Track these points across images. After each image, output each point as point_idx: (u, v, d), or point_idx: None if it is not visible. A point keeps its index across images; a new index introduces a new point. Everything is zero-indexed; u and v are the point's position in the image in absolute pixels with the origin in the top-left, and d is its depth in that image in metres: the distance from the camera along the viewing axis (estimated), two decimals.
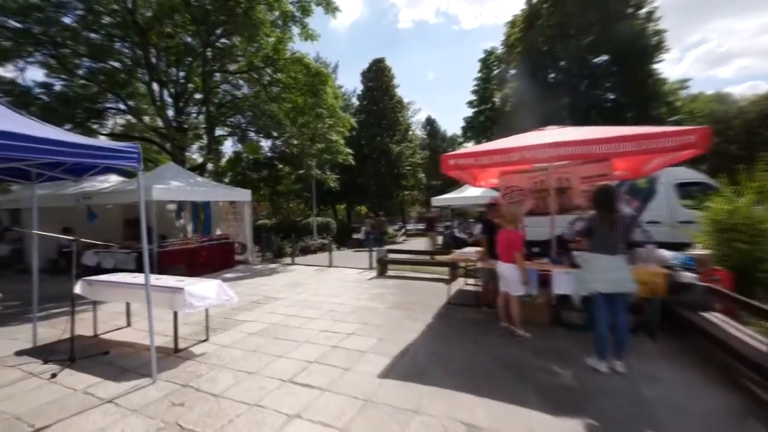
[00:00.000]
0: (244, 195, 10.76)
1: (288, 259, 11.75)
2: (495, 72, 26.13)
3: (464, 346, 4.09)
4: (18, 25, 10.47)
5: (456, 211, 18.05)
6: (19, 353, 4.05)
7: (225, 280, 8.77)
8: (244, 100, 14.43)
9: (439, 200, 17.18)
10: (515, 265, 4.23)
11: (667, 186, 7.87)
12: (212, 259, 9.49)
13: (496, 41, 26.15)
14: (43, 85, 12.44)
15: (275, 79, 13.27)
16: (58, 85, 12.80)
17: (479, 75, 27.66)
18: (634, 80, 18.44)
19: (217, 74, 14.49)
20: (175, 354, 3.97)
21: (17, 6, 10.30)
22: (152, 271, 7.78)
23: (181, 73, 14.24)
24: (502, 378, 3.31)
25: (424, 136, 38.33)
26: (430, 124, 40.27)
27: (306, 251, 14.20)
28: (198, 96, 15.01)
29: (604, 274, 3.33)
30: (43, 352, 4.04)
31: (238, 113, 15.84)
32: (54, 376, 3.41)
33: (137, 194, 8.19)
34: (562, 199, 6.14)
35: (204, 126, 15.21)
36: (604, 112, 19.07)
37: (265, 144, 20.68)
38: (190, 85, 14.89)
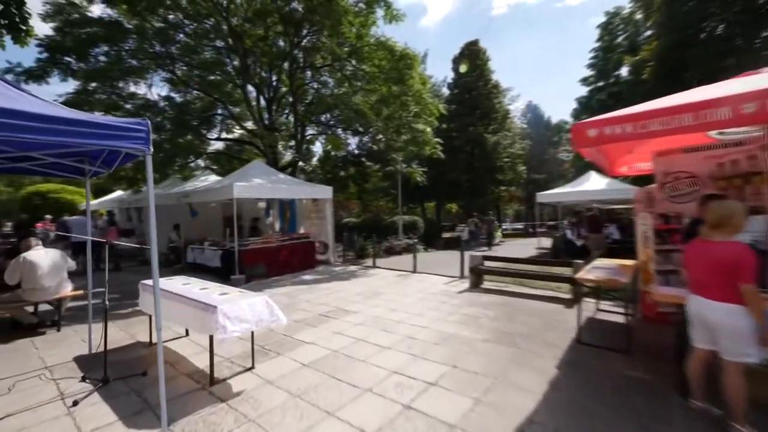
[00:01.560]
0: (325, 192, 10.24)
1: (369, 261, 10.88)
2: (620, 38, 21.23)
3: None
4: (144, 46, 11.84)
5: (570, 208, 15.00)
6: (70, 362, 3.78)
7: (302, 282, 8.31)
8: (328, 96, 14.17)
9: (546, 196, 14.53)
10: (739, 307, 2.28)
11: None
12: (292, 258, 9.12)
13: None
14: (165, 98, 14.09)
15: (359, 69, 12.58)
16: (177, 97, 14.39)
17: (597, 45, 22.93)
18: None
19: (307, 72, 14.55)
20: (209, 387, 3.17)
21: (143, 30, 11.64)
22: (233, 271, 7.71)
23: (274, 77, 14.69)
24: None
25: (524, 125, 34.25)
26: (531, 111, 35.91)
27: (390, 252, 13.24)
28: (290, 99, 15.37)
29: None
30: (90, 363, 3.69)
31: (327, 110, 15.77)
32: (75, 404, 2.87)
33: (224, 191, 8.27)
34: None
35: (293, 126, 15.52)
36: None
37: (353, 141, 20.53)
38: (283, 89, 15.32)
